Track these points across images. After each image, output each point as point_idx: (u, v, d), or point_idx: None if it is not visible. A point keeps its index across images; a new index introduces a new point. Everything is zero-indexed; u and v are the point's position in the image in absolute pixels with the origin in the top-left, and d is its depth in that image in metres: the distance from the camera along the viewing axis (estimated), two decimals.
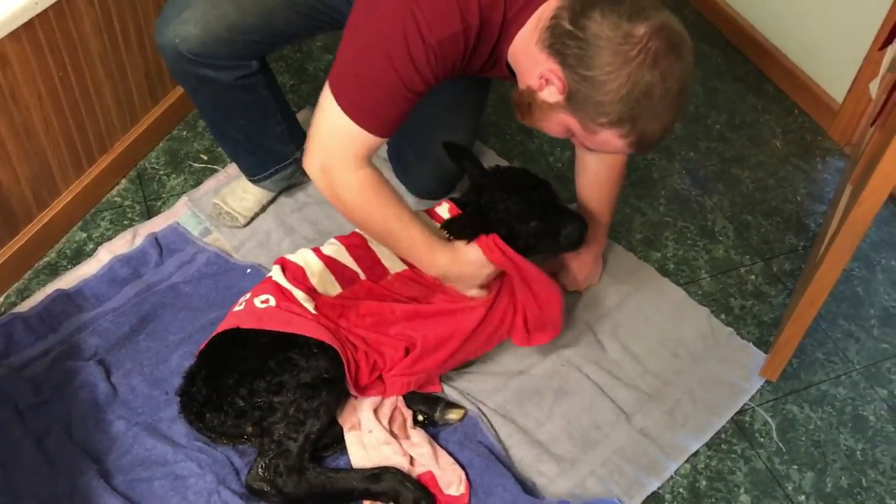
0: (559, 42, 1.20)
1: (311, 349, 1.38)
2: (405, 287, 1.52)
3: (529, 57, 1.27)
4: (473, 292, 1.54)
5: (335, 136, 1.32)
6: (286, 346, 1.38)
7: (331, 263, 1.50)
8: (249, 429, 1.40)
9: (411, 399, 1.54)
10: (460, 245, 1.48)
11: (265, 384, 1.36)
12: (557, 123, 1.30)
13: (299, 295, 1.43)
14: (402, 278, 1.52)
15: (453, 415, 1.54)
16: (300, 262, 1.49)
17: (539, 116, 1.31)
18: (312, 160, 1.36)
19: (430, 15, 1.22)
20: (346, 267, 1.51)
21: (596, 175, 1.69)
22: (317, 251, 1.52)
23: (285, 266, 1.49)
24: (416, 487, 1.39)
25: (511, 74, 1.39)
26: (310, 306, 1.43)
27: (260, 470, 1.37)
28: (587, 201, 1.74)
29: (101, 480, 1.38)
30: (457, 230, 1.48)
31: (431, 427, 1.53)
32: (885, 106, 1.58)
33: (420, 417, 1.52)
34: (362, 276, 1.51)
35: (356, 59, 1.29)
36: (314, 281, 1.47)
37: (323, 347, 1.39)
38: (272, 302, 1.42)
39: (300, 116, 2.04)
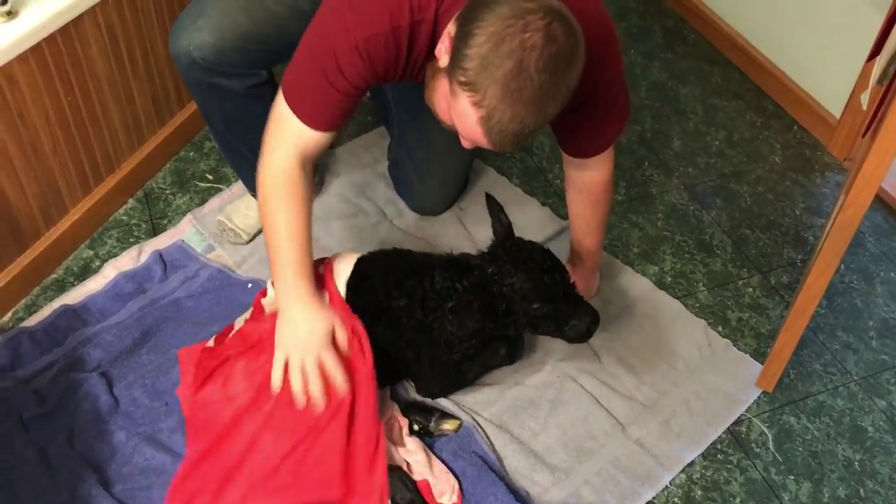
0: (465, 9, 1.18)
1: None
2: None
3: (445, 33, 1.23)
4: (279, 362, 1.39)
5: (278, 124, 1.38)
6: None
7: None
8: None
9: (408, 409, 1.56)
10: (319, 302, 1.41)
11: None
12: (441, 94, 1.25)
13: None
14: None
15: (448, 426, 1.56)
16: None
17: (432, 87, 1.29)
18: (261, 147, 1.41)
19: (357, 16, 1.25)
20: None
21: (584, 191, 1.68)
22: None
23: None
24: (415, 491, 1.42)
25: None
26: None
27: None
28: (578, 217, 1.73)
29: (100, 489, 1.41)
30: (460, 309, 1.45)
31: (427, 437, 1.55)
32: (874, 117, 1.59)
33: (416, 427, 1.54)
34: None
35: (298, 58, 1.35)
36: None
37: None
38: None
39: None
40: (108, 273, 1.81)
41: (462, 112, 1.19)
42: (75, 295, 1.77)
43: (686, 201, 2.17)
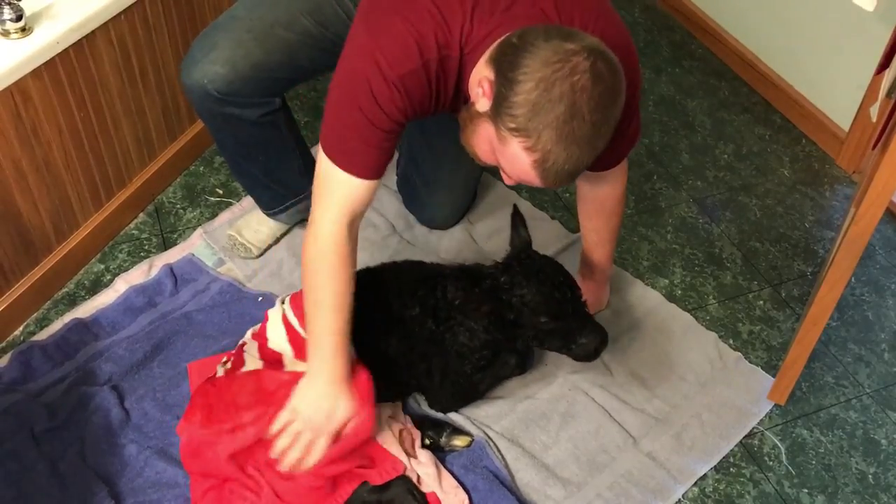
0: (500, 53, 1.20)
1: None
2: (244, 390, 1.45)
3: (476, 73, 1.27)
4: (281, 421, 1.36)
5: (324, 185, 1.36)
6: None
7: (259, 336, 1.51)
8: None
9: (420, 422, 1.56)
10: (348, 389, 1.38)
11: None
12: (483, 137, 1.26)
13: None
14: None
15: (459, 441, 1.55)
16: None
17: (471, 130, 1.29)
18: (310, 214, 1.39)
19: (389, 55, 1.25)
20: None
21: (598, 203, 1.69)
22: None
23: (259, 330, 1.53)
24: (423, 499, 1.42)
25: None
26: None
27: None
28: (590, 230, 1.74)
29: (112, 502, 1.41)
30: (470, 311, 1.45)
31: (438, 452, 1.54)
32: (883, 129, 1.60)
33: (427, 441, 1.54)
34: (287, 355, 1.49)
35: (333, 108, 1.33)
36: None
37: None
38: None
39: (315, 152, 2.09)
40: (119, 287, 1.82)
41: (513, 156, 1.20)
42: (86, 309, 1.77)
43: (695, 214, 2.17)
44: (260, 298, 1.79)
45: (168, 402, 1.58)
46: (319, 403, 1.35)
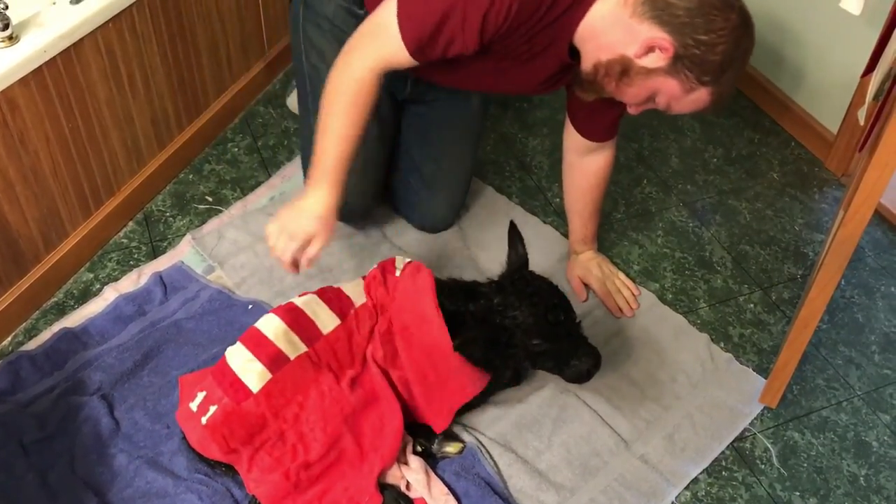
0: (665, 13, 1.32)
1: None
2: (333, 355, 1.47)
3: (621, 29, 1.37)
4: (282, 241, 1.48)
5: (376, 33, 1.42)
6: None
7: (294, 320, 1.47)
8: None
9: (412, 428, 1.55)
10: (327, 216, 1.47)
11: None
12: (648, 88, 1.41)
13: (250, 380, 1.40)
14: (329, 342, 1.48)
15: (451, 448, 1.55)
16: (261, 329, 1.46)
17: (629, 83, 1.41)
18: (345, 45, 1.46)
19: None
20: (310, 322, 1.48)
21: (591, 176, 1.82)
22: (279, 310, 1.48)
23: (248, 336, 1.46)
24: None
25: (569, 57, 1.47)
26: (257, 386, 1.41)
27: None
28: (580, 204, 1.87)
29: None
30: (466, 345, 1.45)
31: (429, 459, 1.54)
32: (870, 132, 1.60)
33: (419, 448, 1.53)
34: (328, 327, 1.48)
35: None
36: (280, 345, 1.43)
37: None
38: (211, 410, 1.40)
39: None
40: (108, 296, 1.81)
41: (696, 99, 1.40)
42: (75, 318, 1.76)
43: (685, 218, 2.17)
44: (250, 306, 1.78)
45: (158, 412, 1.57)
46: (295, 214, 1.46)
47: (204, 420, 1.38)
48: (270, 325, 1.44)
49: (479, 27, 1.36)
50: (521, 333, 1.46)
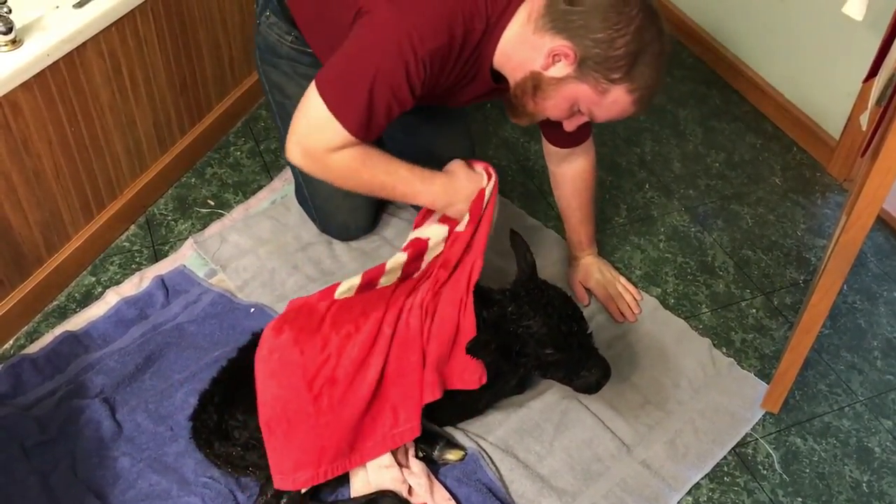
0: (561, 21, 1.35)
1: None
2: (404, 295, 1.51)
3: (527, 46, 1.40)
4: (461, 206, 1.54)
5: (316, 129, 1.41)
6: None
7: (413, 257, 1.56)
8: (256, 459, 1.41)
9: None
10: (446, 167, 1.56)
11: None
12: (564, 98, 1.43)
13: (342, 288, 1.48)
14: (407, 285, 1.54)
15: (452, 455, 1.54)
16: (388, 260, 1.55)
17: (544, 97, 1.43)
18: (294, 149, 1.46)
19: (422, 30, 1.34)
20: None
21: (574, 182, 1.84)
22: (408, 247, 1.57)
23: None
24: None
25: (493, 82, 1.50)
26: (342, 295, 1.47)
27: None
28: (570, 210, 1.88)
29: None
30: (478, 348, 1.45)
31: (431, 465, 1.53)
32: (872, 137, 1.60)
33: (420, 454, 1.53)
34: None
35: (347, 64, 1.38)
36: (385, 274, 1.52)
37: None
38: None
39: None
40: (110, 299, 1.81)
41: (614, 101, 1.41)
42: (77, 321, 1.76)
43: (687, 223, 2.17)
44: (252, 310, 1.78)
45: (161, 414, 1.57)
46: (457, 183, 1.53)
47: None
48: (398, 258, 1.54)
49: (408, 88, 1.38)
50: (534, 343, 1.46)
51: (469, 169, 1.56)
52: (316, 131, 1.41)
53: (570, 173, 1.83)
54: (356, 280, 1.51)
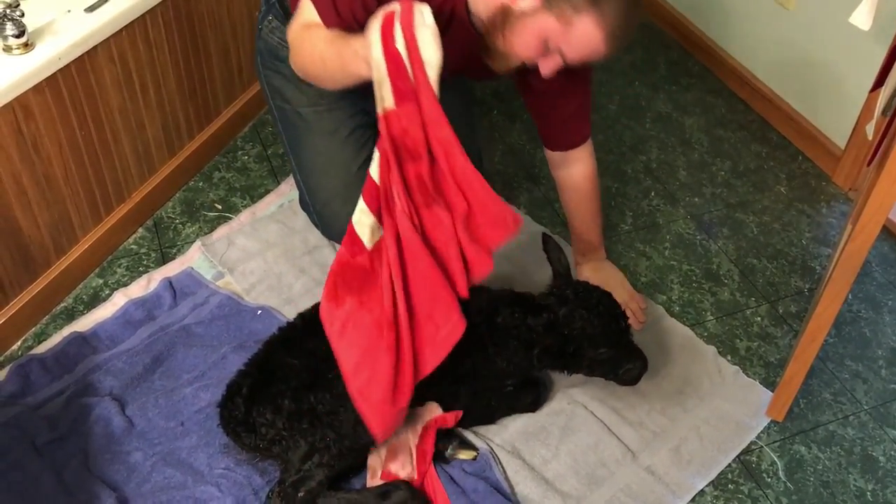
0: None
1: (348, 394, 1.38)
2: None
3: None
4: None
5: (299, 15, 1.48)
6: (325, 388, 1.42)
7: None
8: (280, 452, 1.44)
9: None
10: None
11: (299, 425, 1.41)
12: (533, 33, 1.38)
13: (364, 234, 1.36)
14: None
15: (464, 455, 1.56)
16: (372, 174, 1.35)
17: (515, 31, 1.39)
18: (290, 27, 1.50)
19: None
20: None
21: (576, 189, 1.85)
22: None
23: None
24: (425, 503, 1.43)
25: (473, 31, 1.49)
26: (370, 242, 1.36)
27: (278, 496, 1.41)
28: (578, 218, 1.89)
29: None
30: (542, 354, 1.50)
31: (443, 463, 1.55)
32: (878, 146, 1.61)
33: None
34: None
35: None
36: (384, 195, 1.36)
37: None
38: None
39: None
40: (118, 301, 1.82)
41: (583, 34, 1.35)
42: (85, 322, 1.77)
43: (693, 231, 2.18)
44: (259, 312, 1.79)
45: (171, 410, 1.58)
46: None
47: None
48: (375, 167, 1.35)
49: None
50: (588, 343, 1.52)
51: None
52: (299, 14, 1.48)
53: (572, 180, 1.84)
54: (367, 219, 1.37)
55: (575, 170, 1.83)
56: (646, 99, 2.66)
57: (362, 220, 1.35)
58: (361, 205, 1.35)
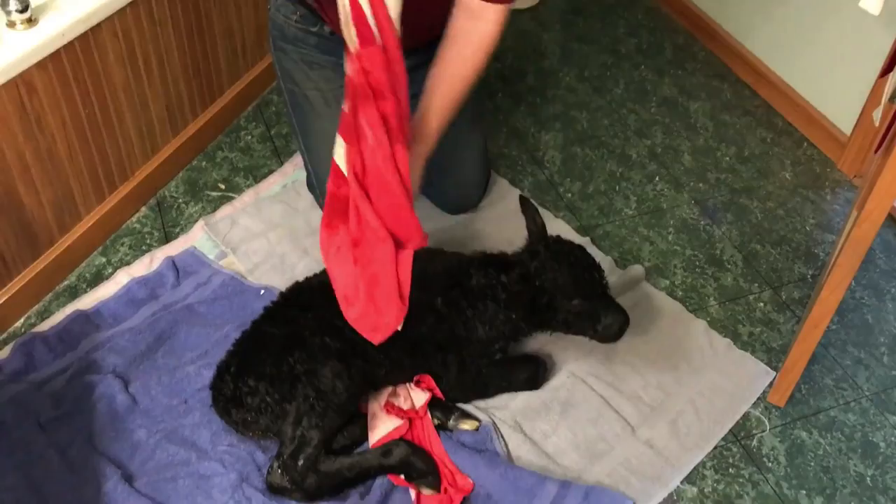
0: None
1: (325, 351, 1.45)
2: None
3: None
4: None
5: None
6: (302, 348, 1.46)
7: None
8: (268, 423, 1.46)
9: (430, 404, 1.58)
10: None
11: (280, 387, 1.44)
12: None
13: (342, 164, 1.47)
14: None
15: (466, 425, 1.57)
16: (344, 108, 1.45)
17: None
18: None
19: None
20: None
21: (469, 43, 1.57)
22: None
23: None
24: (425, 461, 1.45)
25: None
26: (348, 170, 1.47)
27: (278, 470, 1.43)
28: (438, 88, 1.60)
29: (126, 484, 1.42)
30: (511, 300, 1.51)
31: (445, 433, 1.57)
32: (886, 133, 1.60)
33: (435, 422, 1.56)
34: None
35: None
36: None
37: (331, 353, 1.46)
38: None
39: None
40: (121, 279, 1.82)
41: None
42: (88, 301, 1.78)
43: (697, 216, 2.17)
44: (262, 292, 1.79)
45: (174, 388, 1.59)
46: None
47: None
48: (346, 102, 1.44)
49: None
50: (560, 296, 1.52)
51: None
52: None
53: (468, 33, 1.56)
54: (341, 150, 1.47)
55: (480, 26, 1.55)
56: (651, 83, 2.65)
57: (339, 152, 1.46)
58: (339, 139, 1.46)
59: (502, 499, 1.46)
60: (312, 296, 1.58)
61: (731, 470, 1.61)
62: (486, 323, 1.56)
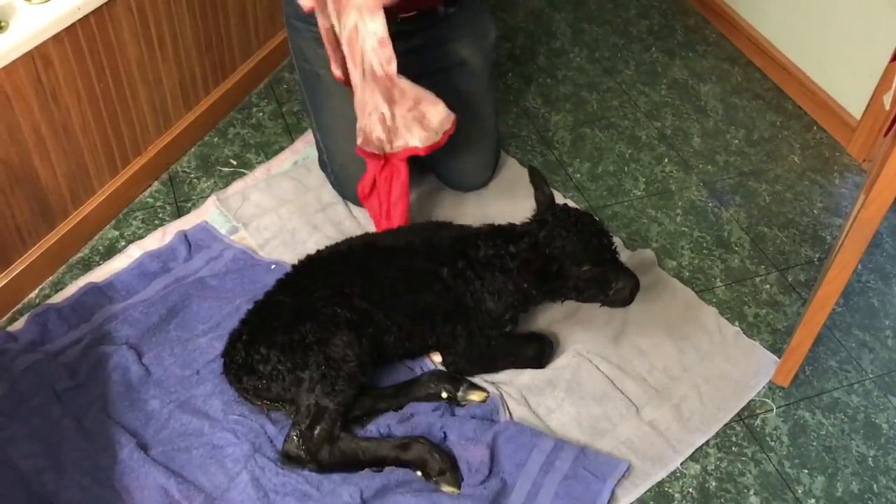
0: None
1: (335, 321, 1.48)
2: None
3: None
4: None
5: None
6: (314, 318, 1.48)
7: None
8: (279, 391, 1.49)
9: (438, 377, 1.61)
10: None
11: (292, 355, 1.46)
12: None
13: None
14: None
15: (475, 396, 1.60)
16: None
17: None
18: None
19: None
20: None
21: None
22: None
23: None
24: (443, 458, 1.46)
25: None
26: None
27: (295, 439, 1.45)
28: None
29: (140, 452, 1.45)
30: (523, 268, 1.53)
31: (454, 405, 1.60)
32: (895, 118, 1.61)
33: (444, 394, 1.58)
34: None
35: None
36: None
37: (341, 323, 1.48)
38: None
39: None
40: (133, 253, 1.84)
41: None
42: (101, 273, 1.80)
43: (705, 198, 2.18)
44: (273, 266, 1.81)
45: (186, 359, 1.61)
46: None
47: None
48: None
49: None
50: (570, 263, 1.54)
51: None
52: None
53: None
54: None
55: None
56: (662, 65, 2.65)
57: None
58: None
59: (503, 447, 1.50)
60: (324, 267, 1.60)
61: (734, 448, 1.63)
62: (494, 293, 1.57)
